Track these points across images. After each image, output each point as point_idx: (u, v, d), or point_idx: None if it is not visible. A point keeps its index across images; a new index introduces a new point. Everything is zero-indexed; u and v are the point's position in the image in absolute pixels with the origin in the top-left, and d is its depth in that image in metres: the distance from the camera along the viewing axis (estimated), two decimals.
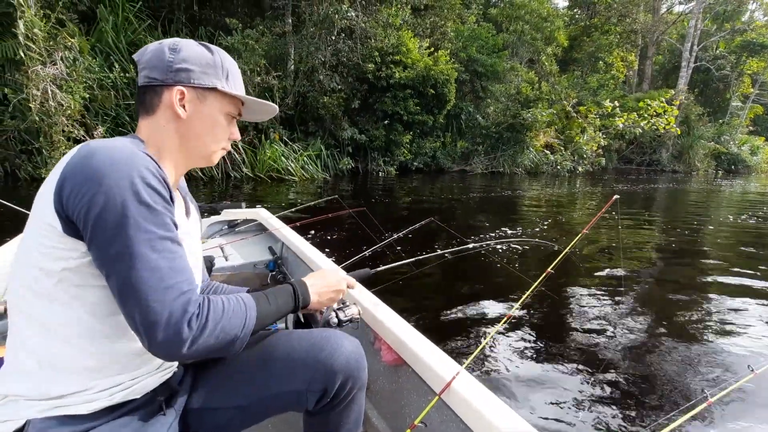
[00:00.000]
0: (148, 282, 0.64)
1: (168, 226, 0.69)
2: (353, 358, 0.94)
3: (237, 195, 8.27)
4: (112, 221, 0.63)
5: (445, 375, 1.04)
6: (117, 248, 0.64)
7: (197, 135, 0.84)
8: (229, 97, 0.86)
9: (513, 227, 6.64)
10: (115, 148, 0.67)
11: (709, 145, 24.26)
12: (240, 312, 0.75)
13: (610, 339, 3.00)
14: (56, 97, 6.94)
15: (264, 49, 10.39)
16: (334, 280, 0.99)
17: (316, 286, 0.95)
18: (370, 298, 1.46)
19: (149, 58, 0.79)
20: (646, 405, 2.27)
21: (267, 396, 0.92)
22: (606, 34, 24.06)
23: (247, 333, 0.76)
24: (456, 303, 3.45)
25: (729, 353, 2.84)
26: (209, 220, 2.88)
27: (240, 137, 0.94)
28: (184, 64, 0.79)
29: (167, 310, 0.64)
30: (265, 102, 0.92)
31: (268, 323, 0.83)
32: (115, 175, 0.64)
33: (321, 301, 0.96)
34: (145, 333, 0.65)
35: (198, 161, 0.89)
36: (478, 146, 15.78)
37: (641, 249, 5.79)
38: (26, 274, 0.69)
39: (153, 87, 0.79)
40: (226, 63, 0.85)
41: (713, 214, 9.18)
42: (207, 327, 0.68)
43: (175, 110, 0.79)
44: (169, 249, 0.67)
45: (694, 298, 3.88)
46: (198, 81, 0.80)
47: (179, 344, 0.65)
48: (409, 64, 12.14)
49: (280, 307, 0.86)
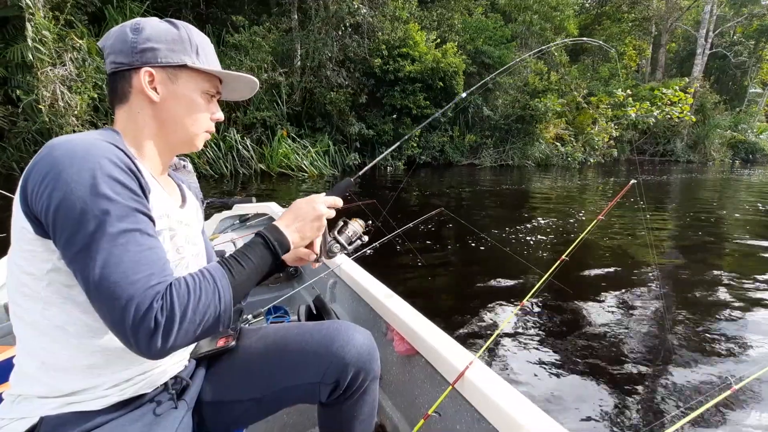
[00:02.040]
0: (110, 278, 0.60)
1: (133, 217, 0.64)
2: (365, 350, 0.94)
3: (248, 192, 8.33)
4: (71, 217, 0.60)
5: (458, 365, 1.04)
6: (79, 245, 0.60)
7: (175, 118, 0.79)
8: (202, 74, 0.81)
9: (525, 219, 6.57)
10: (76, 141, 0.64)
11: (726, 134, 23.60)
12: (209, 286, 0.67)
13: (625, 327, 2.98)
14: (65, 98, 7.04)
15: (271, 45, 10.40)
16: (309, 208, 0.87)
17: (288, 221, 0.84)
18: (382, 289, 1.47)
19: (113, 42, 0.75)
20: (664, 393, 2.25)
21: (280, 389, 0.92)
22: (618, 22, 23.53)
23: (227, 305, 0.69)
24: (468, 292, 3.46)
25: (755, 342, 2.80)
26: (221, 215, 2.94)
27: (223, 118, 0.89)
28: (148, 44, 0.74)
29: (133, 306, 0.60)
30: (244, 75, 0.85)
31: (250, 285, 0.77)
32: (72, 169, 0.61)
33: (305, 236, 0.86)
34: (116, 332, 0.62)
35: (180, 146, 0.84)
36: (487, 139, 15.61)
37: (656, 238, 5.69)
38: (16, 281, 0.68)
39: (121, 72, 0.75)
40: (195, 37, 0.80)
41: (733, 204, 8.96)
42: (175, 315, 0.62)
43: (147, 94, 0.75)
44: (135, 241, 0.63)
45: (714, 288, 3.83)
46: (165, 59, 0.75)
47: (152, 341, 0.61)
48: (416, 57, 12.04)
49: (256, 263, 0.77)
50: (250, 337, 1.02)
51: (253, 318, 1.68)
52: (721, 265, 4.56)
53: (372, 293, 1.47)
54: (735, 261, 4.75)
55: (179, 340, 0.63)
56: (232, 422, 0.95)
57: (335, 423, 1.01)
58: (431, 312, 1.39)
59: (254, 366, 0.94)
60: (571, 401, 2.17)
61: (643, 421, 2.05)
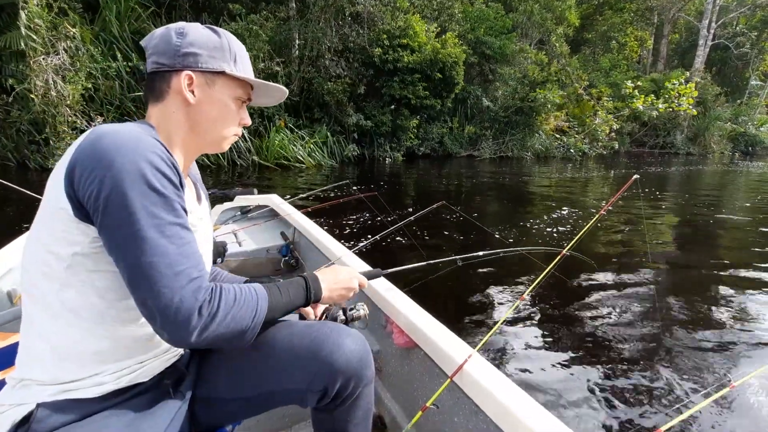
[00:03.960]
0: (157, 267, 0.64)
1: (177, 211, 0.68)
2: (355, 357, 0.89)
3: (245, 183, 8.29)
4: (121, 205, 0.63)
5: (457, 357, 1.05)
6: (126, 233, 0.63)
7: (207, 120, 0.83)
8: (237, 81, 0.84)
9: (526, 211, 6.55)
10: (123, 132, 0.67)
11: (726, 127, 23.49)
12: (251, 302, 0.74)
13: (624, 323, 2.97)
14: (57, 87, 6.96)
15: (268, 34, 10.27)
16: (347, 278, 0.97)
17: (329, 281, 0.94)
18: (382, 283, 1.47)
19: (156, 43, 0.79)
20: (663, 389, 2.25)
21: (268, 391, 0.91)
22: (619, 12, 23.29)
23: (257, 324, 0.75)
24: (468, 285, 3.46)
25: (754, 339, 2.80)
26: (222, 207, 2.95)
27: (251, 122, 0.93)
28: (191, 48, 0.78)
29: (177, 296, 0.64)
30: (274, 85, 0.89)
31: (278, 316, 0.83)
32: (123, 159, 0.63)
33: (332, 297, 0.95)
34: (156, 318, 0.65)
35: (209, 147, 0.88)
36: (486, 131, 15.52)
37: (659, 232, 5.69)
38: (38, 259, 0.69)
39: (161, 73, 0.79)
40: (234, 46, 0.84)
41: (733, 196, 8.95)
42: (218, 315, 0.68)
43: (185, 95, 0.79)
44: (178, 234, 0.67)
45: (716, 282, 3.83)
46: (206, 65, 0.79)
47: (189, 331, 0.65)
48: (416, 47, 11.90)
49: (292, 299, 0.85)
50: None
51: None
52: (721, 260, 4.56)
53: (372, 285, 1.46)
54: (734, 255, 4.74)
55: (210, 339, 0.68)
56: (222, 418, 0.95)
57: (328, 427, 0.98)
58: (430, 305, 1.37)
59: (242, 366, 0.93)
60: (570, 395, 2.17)
61: (640, 416, 2.04)
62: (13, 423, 0.69)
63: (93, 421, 0.73)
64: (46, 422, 0.69)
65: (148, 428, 0.77)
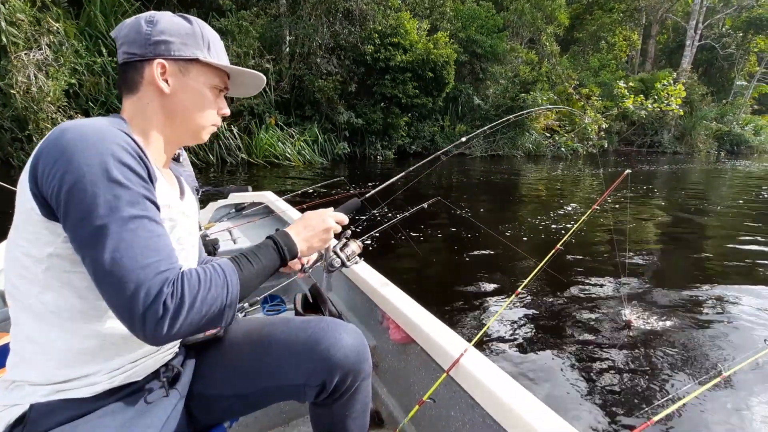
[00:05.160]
0: (120, 261, 0.60)
1: (143, 204, 0.65)
2: (353, 351, 0.90)
3: (233, 181, 8.20)
4: (83, 200, 0.61)
5: (453, 352, 1.05)
6: (87, 228, 0.61)
7: (184, 110, 0.81)
8: (213, 69, 0.83)
9: (518, 208, 6.58)
10: (87, 126, 0.65)
11: (712, 126, 23.89)
12: (219, 280, 0.69)
13: (617, 316, 3.00)
14: (38, 82, 6.80)
15: (258, 31, 10.16)
16: (319, 220, 0.92)
17: (300, 232, 0.88)
18: (378, 278, 1.49)
19: (126, 32, 0.77)
20: (656, 380, 2.27)
21: (264, 387, 0.91)
22: (609, 12, 23.51)
23: (233, 301, 0.71)
24: (463, 281, 3.49)
25: (743, 330, 2.84)
26: (216, 204, 2.96)
27: (230, 112, 0.91)
28: (162, 36, 0.76)
29: (143, 290, 0.60)
30: (252, 72, 0.87)
31: (256, 284, 0.78)
32: (85, 153, 0.61)
33: (312, 246, 0.90)
34: (122, 316, 0.62)
35: (187, 138, 0.86)
36: (477, 129, 15.54)
37: (650, 227, 5.75)
38: (16, 263, 0.68)
39: (133, 63, 0.77)
40: (207, 33, 0.82)
41: (719, 193, 9.09)
42: (185, 302, 0.64)
43: (158, 85, 0.77)
44: (144, 227, 0.64)
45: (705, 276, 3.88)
46: (178, 52, 0.78)
47: (158, 326, 0.61)
48: (407, 46, 11.88)
49: (265, 264, 0.80)
50: (238, 330, 1.00)
51: (249, 306, 1.70)
52: (710, 253, 4.62)
53: (368, 282, 1.48)
54: (723, 249, 4.81)
55: (184, 329, 0.64)
56: (219, 415, 0.95)
57: (326, 422, 0.99)
58: (426, 300, 1.38)
59: (239, 363, 0.93)
60: (564, 387, 2.19)
61: (634, 406, 2.06)
62: (7, 424, 0.68)
63: (87, 420, 0.71)
64: (41, 423, 0.68)
65: (143, 427, 0.76)
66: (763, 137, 26.77)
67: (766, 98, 32.13)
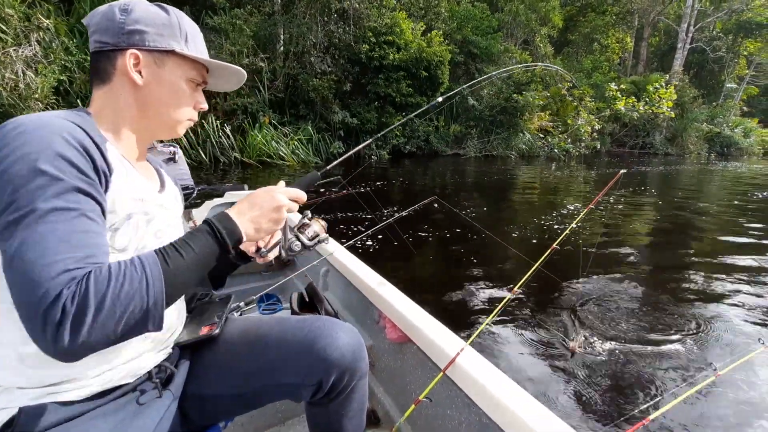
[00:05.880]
0: (24, 256, 0.54)
1: (74, 197, 0.59)
2: (349, 350, 0.89)
3: (227, 180, 8.13)
4: (5, 190, 0.57)
5: (449, 351, 1.05)
6: (5, 218, 0.57)
7: (158, 103, 0.78)
8: (190, 62, 0.80)
9: (513, 208, 6.59)
10: (31, 118, 0.62)
11: (703, 128, 24.17)
12: (135, 274, 0.59)
13: (612, 316, 3.02)
14: (26, 79, 6.70)
15: (252, 29, 10.09)
16: (268, 197, 0.79)
17: (245, 213, 0.77)
18: (375, 277, 1.49)
19: (99, 20, 0.74)
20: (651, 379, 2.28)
21: (260, 387, 0.90)
22: (602, 14, 23.70)
23: (157, 297, 0.61)
24: (460, 280, 3.51)
25: (737, 329, 2.87)
26: (212, 203, 2.96)
27: (207, 107, 0.87)
28: (136, 26, 0.73)
29: (40, 290, 0.53)
30: (231, 65, 0.84)
31: (193, 277, 0.68)
32: (15, 144, 0.58)
33: (261, 228, 0.78)
34: (23, 321, 0.55)
35: (161, 132, 0.83)
36: (472, 129, 15.62)
37: (644, 227, 5.79)
38: None
39: (105, 52, 0.74)
40: (185, 24, 0.79)
41: (710, 192, 9.18)
42: (88, 304, 0.54)
43: (131, 76, 0.74)
44: (67, 221, 0.58)
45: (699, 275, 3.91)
46: (153, 43, 0.74)
47: (59, 333, 0.52)
48: (402, 45, 11.88)
49: (198, 253, 0.68)
50: (234, 330, 0.99)
51: (245, 305, 1.68)
52: (704, 253, 4.66)
53: (364, 281, 1.48)
54: (716, 249, 4.85)
55: (95, 336, 0.55)
56: (215, 415, 0.94)
57: (323, 421, 0.98)
58: (423, 300, 1.38)
59: (234, 362, 0.92)
60: (560, 387, 2.20)
61: (629, 405, 2.07)
62: None
63: (78, 423, 0.69)
64: (30, 426, 0.66)
65: (136, 429, 0.75)
66: (752, 139, 27.13)
67: (754, 100, 32.62)
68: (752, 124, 28.16)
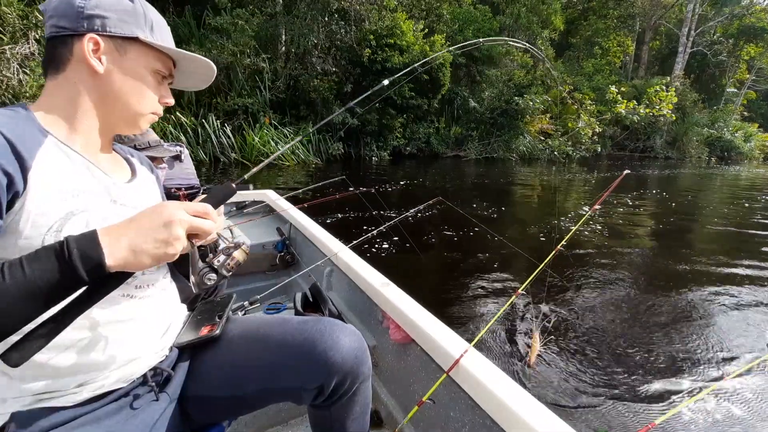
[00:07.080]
0: None
1: None
2: (351, 354, 0.87)
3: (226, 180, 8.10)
4: None
5: (453, 352, 1.04)
6: None
7: (119, 93, 0.74)
8: (155, 52, 0.76)
9: (516, 210, 6.56)
10: None
11: (703, 132, 24.19)
12: None
13: (617, 319, 3.01)
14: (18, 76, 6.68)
15: (254, 30, 10.08)
16: (155, 213, 0.62)
17: (122, 232, 0.59)
18: (379, 278, 1.48)
19: (56, 4, 0.69)
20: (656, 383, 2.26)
21: (261, 389, 0.88)
22: (603, 18, 23.74)
23: None
24: (464, 281, 3.51)
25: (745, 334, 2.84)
26: None
27: (173, 102, 0.83)
28: (97, 10, 0.69)
29: None
30: (200, 57, 0.80)
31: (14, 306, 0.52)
32: None
33: (142, 250, 0.59)
34: None
35: (122, 125, 0.78)
36: (473, 132, 15.61)
37: (647, 229, 5.76)
38: None
39: (62, 37, 0.69)
40: (150, 14, 0.76)
41: (711, 196, 9.17)
42: None
43: (89, 63, 0.69)
44: None
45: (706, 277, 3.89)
46: (115, 29, 0.70)
47: None
48: (403, 47, 11.87)
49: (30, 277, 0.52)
50: (234, 330, 0.96)
51: (249, 305, 1.68)
52: (707, 257, 4.63)
53: (368, 281, 1.48)
54: (719, 253, 4.82)
55: None
56: (216, 415, 0.93)
57: (325, 423, 0.95)
58: (427, 301, 1.36)
59: (235, 364, 0.90)
60: (564, 389, 2.17)
61: (635, 409, 2.04)
62: None
63: (71, 428, 0.68)
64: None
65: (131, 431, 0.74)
66: (752, 144, 27.15)
67: (755, 105, 32.66)
68: (752, 129, 28.20)
